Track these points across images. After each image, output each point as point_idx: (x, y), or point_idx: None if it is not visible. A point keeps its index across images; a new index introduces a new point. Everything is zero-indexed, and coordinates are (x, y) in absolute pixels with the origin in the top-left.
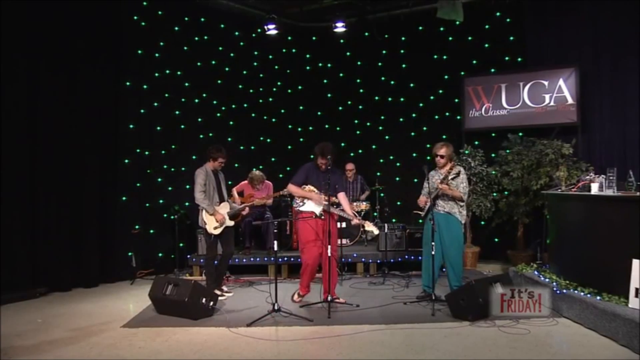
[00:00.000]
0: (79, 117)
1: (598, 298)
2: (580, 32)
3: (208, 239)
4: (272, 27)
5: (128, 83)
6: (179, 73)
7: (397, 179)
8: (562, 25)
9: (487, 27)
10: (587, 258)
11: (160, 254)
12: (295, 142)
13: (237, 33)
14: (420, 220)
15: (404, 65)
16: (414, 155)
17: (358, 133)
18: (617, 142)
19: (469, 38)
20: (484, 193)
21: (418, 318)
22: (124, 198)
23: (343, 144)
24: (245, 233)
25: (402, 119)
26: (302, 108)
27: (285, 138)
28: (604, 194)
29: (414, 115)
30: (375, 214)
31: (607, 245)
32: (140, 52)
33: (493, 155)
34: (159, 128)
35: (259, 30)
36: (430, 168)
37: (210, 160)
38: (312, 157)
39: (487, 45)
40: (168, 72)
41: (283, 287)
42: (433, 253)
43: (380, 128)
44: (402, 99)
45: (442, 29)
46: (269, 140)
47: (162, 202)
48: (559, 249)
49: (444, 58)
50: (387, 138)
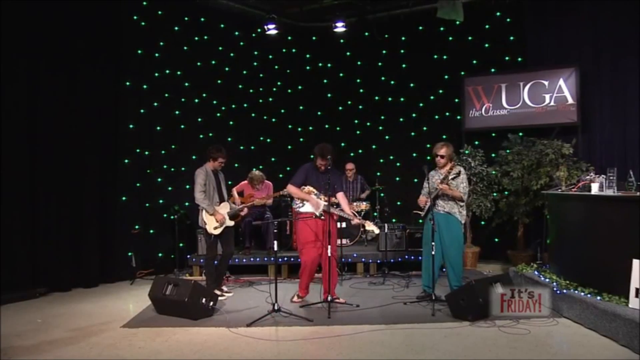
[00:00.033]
0: (79, 117)
1: (598, 298)
2: (581, 32)
3: (208, 239)
4: (272, 27)
5: (128, 83)
6: (179, 73)
7: (397, 179)
8: (562, 25)
9: (487, 27)
10: (587, 258)
11: (160, 254)
12: (295, 142)
13: (237, 33)
14: (420, 220)
15: (404, 65)
16: (414, 155)
17: (358, 133)
18: (617, 142)
19: (469, 38)
20: (484, 193)
21: (418, 318)
22: (124, 198)
23: (343, 144)
24: (245, 233)
25: (402, 119)
26: (302, 108)
27: (285, 138)
28: (604, 194)
29: (414, 115)
30: (375, 214)
31: (607, 245)
32: (140, 52)
33: (493, 155)
34: (159, 128)
35: (259, 30)
36: (430, 168)
37: (210, 160)
38: (312, 157)
39: (487, 45)
40: (168, 72)
41: (283, 287)
42: (433, 253)
43: (380, 128)
44: (402, 99)
45: (442, 29)
46: (269, 140)
47: (162, 202)
48: (559, 249)
49: (444, 58)
50: (387, 138)
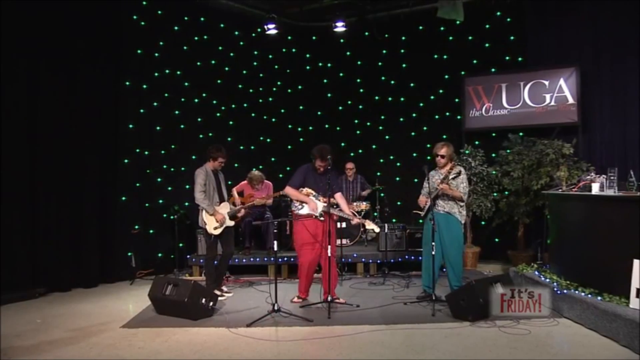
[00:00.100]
0: (79, 117)
1: (599, 298)
2: (581, 32)
3: (208, 239)
4: (272, 26)
5: (128, 83)
6: (179, 73)
7: (397, 179)
8: (562, 25)
9: (487, 26)
10: (587, 258)
11: (160, 254)
12: (295, 142)
13: (236, 33)
14: (420, 220)
15: (404, 65)
16: (414, 155)
17: (358, 133)
18: (617, 142)
19: (470, 38)
20: (485, 193)
21: (418, 318)
22: (124, 198)
23: (343, 144)
24: (245, 233)
25: (402, 119)
26: (302, 108)
27: (285, 138)
28: (605, 194)
29: (414, 115)
30: (376, 214)
31: (607, 246)
32: (140, 51)
33: (493, 155)
34: (159, 128)
35: (259, 30)
36: (431, 168)
37: (210, 160)
38: (311, 158)
39: (487, 45)
40: (168, 71)
41: (283, 287)
42: (433, 253)
43: (381, 128)
44: (402, 99)
45: (442, 29)
46: (269, 140)
47: (161, 202)
48: (560, 249)
49: (444, 58)
50: (387, 138)
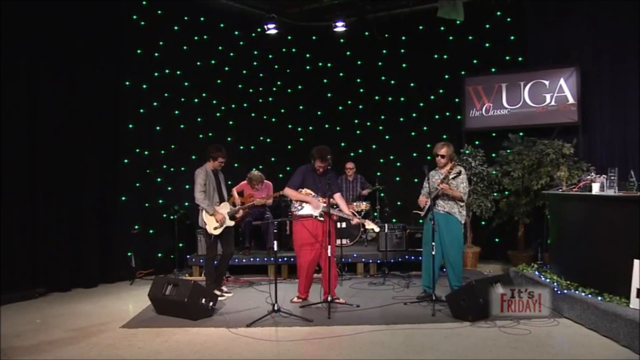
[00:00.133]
0: (79, 117)
1: (599, 298)
2: (581, 31)
3: (208, 239)
4: (272, 26)
5: (127, 83)
6: (179, 73)
7: (397, 179)
8: (562, 25)
9: (487, 26)
10: (588, 258)
11: (160, 254)
12: (295, 142)
13: (236, 32)
14: (420, 220)
15: (404, 65)
16: (414, 155)
17: (358, 133)
18: (617, 142)
19: (470, 37)
20: (485, 193)
21: (418, 318)
22: (124, 198)
23: (343, 144)
24: (245, 233)
25: (402, 119)
26: (302, 108)
27: (285, 138)
28: (605, 194)
29: (414, 115)
30: (376, 214)
31: (608, 246)
32: (140, 51)
33: (494, 155)
34: (159, 128)
35: (259, 30)
36: (431, 168)
37: (210, 160)
38: (310, 158)
39: (487, 45)
40: (168, 71)
41: (283, 287)
42: (433, 253)
43: (381, 128)
44: (402, 99)
45: (442, 29)
46: (269, 140)
47: (161, 202)
48: (560, 249)
49: (445, 58)
50: (387, 138)
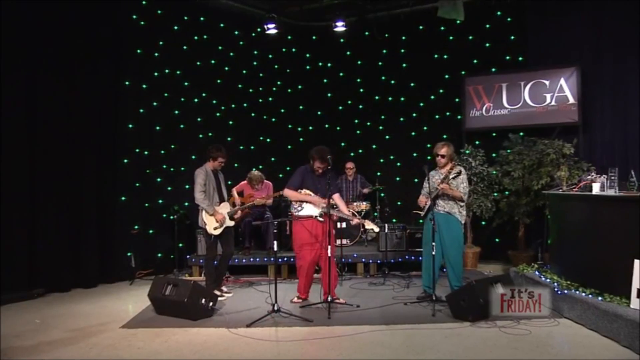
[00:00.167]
0: (78, 116)
1: (599, 299)
2: (581, 31)
3: (208, 239)
4: (271, 26)
5: (127, 83)
6: (179, 72)
7: (397, 179)
8: (563, 25)
9: (488, 26)
10: (588, 258)
11: (160, 254)
12: (295, 142)
13: (236, 32)
14: (421, 220)
15: (405, 65)
16: (415, 155)
17: (358, 133)
18: (618, 142)
19: (470, 37)
20: (485, 193)
21: (418, 319)
22: (123, 198)
23: (343, 144)
24: (245, 233)
25: (402, 119)
26: (302, 108)
27: (285, 138)
28: (606, 194)
29: (415, 115)
30: (376, 214)
31: (608, 246)
32: (140, 51)
33: (494, 155)
34: (159, 128)
35: (259, 30)
36: (431, 168)
37: (210, 160)
38: (309, 159)
39: (488, 45)
40: (167, 71)
41: (283, 287)
42: (433, 253)
43: (381, 128)
44: (402, 99)
45: (442, 28)
46: (269, 140)
47: (161, 202)
48: (560, 250)
49: (445, 57)
50: (387, 138)
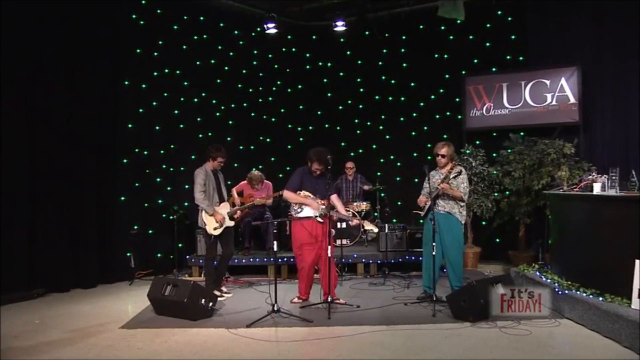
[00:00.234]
0: (78, 116)
1: (600, 299)
2: (582, 31)
3: (208, 240)
4: (271, 26)
5: (127, 82)
6: (178, 72)
7: (397, 179)
8: (564, 24)
9: (488, 26)
10: (589, 259)
11: (159, 255)
12: (295, 142)
13: (236, 32)
14: (421, 220)
15: (405, 65)
16: (415, 155)
17: (358, 133)
18: (619, 142)
19: (470, 37)
20: (485, 193)
21: (419, 319)
22: (123, 198)
23: (343, 144)
24: (245, 233)
25: (402, 119)
26: (302, 107)
27: (285, 138)
28: (607, 194)
29: (415, 115)
30: (376, 214)
31: (609, 246)
32: (139, 51)
33: (494, 155)
34: (158, 128)
35: (259, 29)
36: (431, 168)
37: (210, 160)
38: (307, 161)
39: (488, 44)
40: (167, 71)
41: (283, 287)
42: (434, 253)
43: (381, 127)
44: (402, 99)
45: (443, 28)
46: (269, 140)
47: (161, 202)
48: (561, 250)
49: (445, 57)
50: (387, 138)
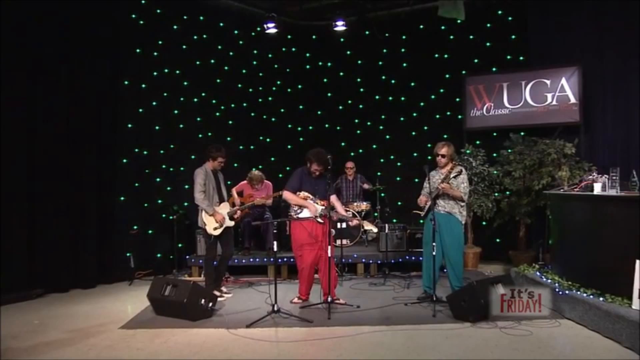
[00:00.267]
0: (77, 116)
1: (601, 299)
2: (583, 31)
3: (207, 240)
4: (271, 25)
5: (126, 82)
6: (178, 72)
7: (397, 179)
8: (564, 24)
9: (488, 25)
10: (589, 259)
11: (159, 255)
12: (295, 141)
13: (236, 32)
14: (421, 221)
15: (405, 64)
16: (415, 155)
17: (358, 132)
18: (619, 142)
19: (471, 37)
20: (486, 193)
21: (419, 319)
22: (122, 198)
23: (343, 144)
24: (245, 233)
25: (402, 119)
26: (301, 107)
27: (285, 138)
28: (607, 194)
29: (415, 115)
30: (376, 214)
31: (610, 246)
32: (139, 51)
33: (495, 155)
34: (158, 127)
35: (259, 29)
36: (431, 168)
37: (210, 160)
38: (306, 161)
39: (488, 44)
40: (167, 71)
41: (282, 287)
42: (434, 253)
43: (381, 127)
44: (402, 98)
45: (443, 28)
46: (269, 140)
47: (160, 202)
48: (561, 250)
49: (445, 57)
50: (387, 137)
